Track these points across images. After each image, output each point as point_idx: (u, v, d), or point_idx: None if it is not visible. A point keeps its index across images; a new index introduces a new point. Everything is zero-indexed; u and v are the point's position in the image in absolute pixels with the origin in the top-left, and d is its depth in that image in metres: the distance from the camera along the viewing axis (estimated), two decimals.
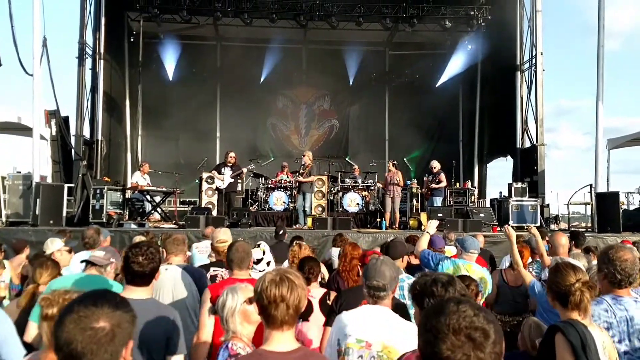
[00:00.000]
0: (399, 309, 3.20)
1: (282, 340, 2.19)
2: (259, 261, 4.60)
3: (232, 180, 13.18)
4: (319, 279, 4.58)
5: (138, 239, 6.80)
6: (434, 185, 13.27)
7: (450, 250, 5.81)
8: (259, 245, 6.02)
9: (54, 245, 5.80)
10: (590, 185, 13.39)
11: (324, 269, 5.52)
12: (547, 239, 6.34)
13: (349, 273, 4.63)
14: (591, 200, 13.57)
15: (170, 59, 19.18)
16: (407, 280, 4.30)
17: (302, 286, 2.27)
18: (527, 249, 5.89)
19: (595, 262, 5.31)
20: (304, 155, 13.28)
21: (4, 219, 12.13)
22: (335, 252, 6.84)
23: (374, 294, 2.94)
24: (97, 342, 1.49)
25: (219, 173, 13.22)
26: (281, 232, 8.07)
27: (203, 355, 3.32)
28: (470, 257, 4.84)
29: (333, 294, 4.10)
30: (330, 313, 3.66)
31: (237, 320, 2.66)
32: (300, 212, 12.92)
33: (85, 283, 3.60)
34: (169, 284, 4.01)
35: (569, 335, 2.64)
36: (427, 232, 5.43)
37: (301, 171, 13.05)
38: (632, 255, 3.26)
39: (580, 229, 12.61)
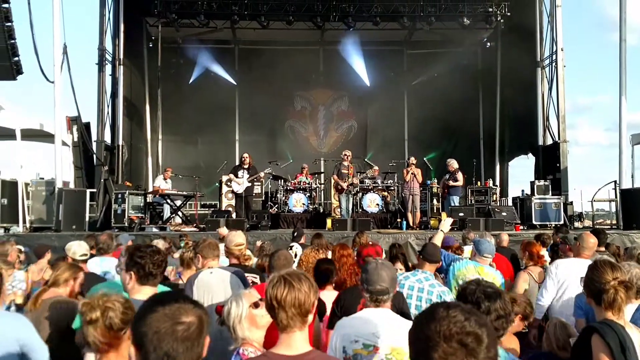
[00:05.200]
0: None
1: (290, 343, 2.16)
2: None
3: (250, 184, 13.20)
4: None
5: (158, 242, 6.81)
6: (450, 182, 13.10)
7: (470, 250, 5.73)
8: (291, 248, 6.05)
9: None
10: (615, 181, 13.15)
11: None
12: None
13: (339, 271, 4.49)
14: (616, 196, 13.33)
15: (188, 63, 19.34)
16: (405, 280, 4.19)
17: (306, 288, 2.18)
18: (538, 246, 5.71)
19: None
20: (345, 156, 13.10)
21: (27, 225, 12.31)
22: None
23: (377, 298, 2.90)
24: (189, 337, 1.46)
25: (236, 177, 13.26)
26: (296, 234, 8.03)
27: None
28: (483, 261, 4.77)
29: None
30: (332, 316, 3.55)
31: (244, 327, 2.62)
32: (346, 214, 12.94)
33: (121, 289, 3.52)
34: (221, 286, 3.97)
35: (606, 337, 2.54)
36: (441, 230, 5.31)
37: (349, 171, 12.97)
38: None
39: (605, 227, 12.36)
